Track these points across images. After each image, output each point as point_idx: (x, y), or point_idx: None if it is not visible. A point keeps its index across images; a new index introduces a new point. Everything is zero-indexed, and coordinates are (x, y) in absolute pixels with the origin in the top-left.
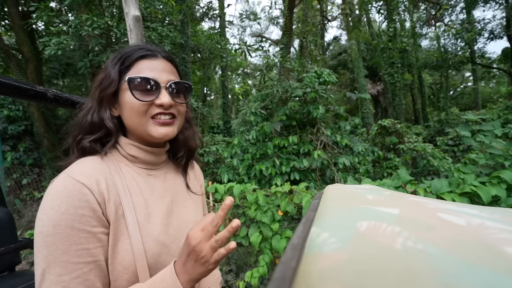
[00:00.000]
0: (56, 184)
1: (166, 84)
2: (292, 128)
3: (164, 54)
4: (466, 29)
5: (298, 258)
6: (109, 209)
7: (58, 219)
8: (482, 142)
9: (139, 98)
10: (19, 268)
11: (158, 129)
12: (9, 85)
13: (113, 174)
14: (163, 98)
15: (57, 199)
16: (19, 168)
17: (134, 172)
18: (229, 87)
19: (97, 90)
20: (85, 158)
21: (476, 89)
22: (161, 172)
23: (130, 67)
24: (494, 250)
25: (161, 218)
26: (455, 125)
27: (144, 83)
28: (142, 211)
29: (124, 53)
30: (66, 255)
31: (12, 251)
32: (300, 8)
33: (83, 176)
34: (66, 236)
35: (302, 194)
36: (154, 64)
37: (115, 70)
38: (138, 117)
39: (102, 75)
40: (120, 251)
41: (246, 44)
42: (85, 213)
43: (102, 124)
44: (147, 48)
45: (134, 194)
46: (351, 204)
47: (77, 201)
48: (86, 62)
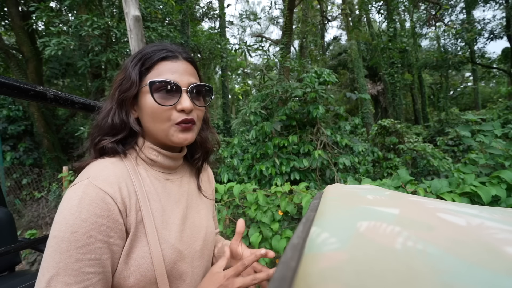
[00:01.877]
0: (78, 189)
1: (187, 88)
2: (292, 128)
3: (185, 55)
4: (466, 29)
5: (298, 258)
6: (130, 217)
7: (78, 226)
8: (482, 142)
9: (160, 103)
10: (19, 268)
11: (179, 134)
12: (9, 85)
13: (132, 179)
14: (184, 103)
15: (78, 206)
16: (19, 168)
17: (153, 177)
18: (229, 87)
19: (117, 91)
20: (104, 160)
21: (476, 89)
22: (177, 176)
23: (151, 69)
24: (494, 250)
25: (177, 225)
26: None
27: (165, 87)
28: (159, 218)
29: (144, 53)
30: (79, 264)
31: (12, 251)
32: (300, 8)
33: (106, 183)
34: (82, 244)
35: (302, 194)
36: (175, 66)
37: (135, 71)
38: (160, 121)
39: (122, 75)
40: (137, 258)
41: (246, 44)
42: (105, 223)
43: (124, 126)
44: (168, 49)
45: (153, 200)
46: (351, 204)
47: (99, 210)
48: (86, 62)
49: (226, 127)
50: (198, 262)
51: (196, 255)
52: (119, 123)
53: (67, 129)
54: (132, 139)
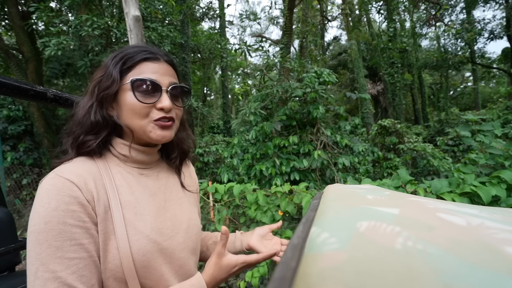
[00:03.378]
0: (45, 183)
1: (168, 88)
2: (292, 128)
3: (166, 58)
4: (466, 29)
5: (298, 258)
6: (98, 208)
7: (49, 215)
8: (482, 142)
9: (141, 100)
10: (19, 268)
11: (158, 132)
12: (9, 85)
13: (102, 175)
14: (164, 102)
15: (47, 197)
16: (19, 168)
17: (125, 172)
18: (229, 87)
19: (96, 88)
20: (75, 159)
21: (476, 89)
22: (154, 171)
23: (132, 68)
24: (494, 250)
25: (153, 216)
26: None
27: (147, 85)
28: (131, 209)
29: (126, 53)
30: (61, 251)
31: (12, 251)
32: (300, 8)
33: (71, 174)
34: (59, 232)
35: (302, 194)
36: (157, 67)
37: (116, 70)
38: (139, 118)
39: (101, 73)
40: (111, 250)
41: (246, 44)
42: (76, 208)
43: (106, 124)
44: (149, 51)
45: (124, 193)
46: (351, 204)
47: (67, 198)
48: (86, 62)
49: (226, 127)
50: (180, 254)
51: (178, 247)
52: (102, 120)
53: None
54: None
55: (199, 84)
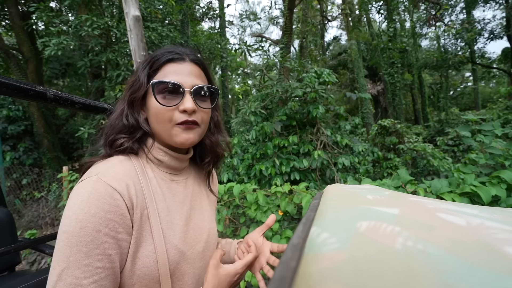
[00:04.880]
0: (87, 185)
1: (191, 89)
2: (292, 128)
3: (192, 57)
4: (466, 29)
5: (298, 258)
6: (135, 215)
7: (87, 221)
8: (482, 142)
9: (162, 103)
10: (19, 268)
11: (181, 134)
12: (9, 85)
13: (140, 178)
14: (187, 103)
15: (87, 201)
16: (19, 168)
17: (159, 177)
18: (229, 87)
19: (128, 93)
20: (113, 158)
21: (476, 89)
22: (182, 177)
23: (158, 71)
24: (494, 250)
25: (181, 225)
26: (455, 125)
27: (167, 87)
28: (165, 218)
29: (153, 56)
30: (88, 258)
31: (12, 251)
32: (300, 8)
33: (114, 180)
34: (91, 239)
35: (302, 194)
36: (180, 68)
37: (144, 73)
38: (163, 122)
39: (134, 78)
40: (141, 257)
41: (246, 44)
42: (113, 218)
43: (138, 126)
44: (175, 51)
45: (158, 200)
46: (351, 204)
47: (107, 206)
48: (86, 62)
49: (226, 127)
50: (199, 264)
51: (198, 256)
52: (134, 123)
53: (67, 129)
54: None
55: None
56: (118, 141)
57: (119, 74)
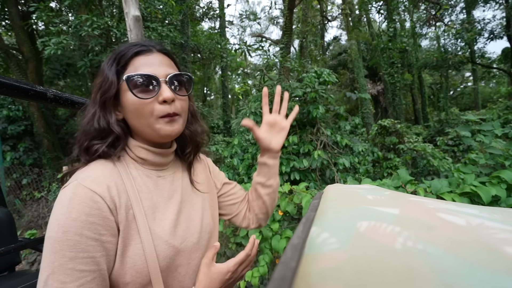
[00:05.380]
0: (68, 191)
1: (166, 78)
2: (292, 128)
3: (159, 47)
4: (466, 29)
5: (298, 258)
6: (120, 215)
7: (68, 225)
8: (482, 142)
9: (140, 97)
10: (19, 268)
11: (165, 127)
12: (9, 85)
13: (123, 179)
14: (165, 93)
15: (68, 206)
16: (19, 168)
17: (144, 175)
18: (229, 87)
19: (98, 94)
20: (95, 163)
21: (476, 89)
22: (169, 172)
23: (126, 66)
24: (494, 250)
25: (171, 220)
26: (455, 125)
27: (143, 80)
28: (152, 215)
29: (118, 52)
30: (73, 262)
31: (12, 251)
32: (300, 8)
33: (94, 183)
34: (74, 243)
35: (302, 194)
36: (150, 59)
37: (112, 71)
38: (144, 117)
39: (100, 78)
40: (131, 256)
41: (246, 44)
42: (95, 221)
43: (111, 129)
44: (141, 44)
45: (144, 198)
46: (351, 204)
47: (88, 209)
48: (86, 62)
49: (226, 127)
50: (196, 254)
51: (193, 247)
52: (106, 126)
53: (67, 129)
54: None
55: (199, 84)
56: (92, 148)
57: None
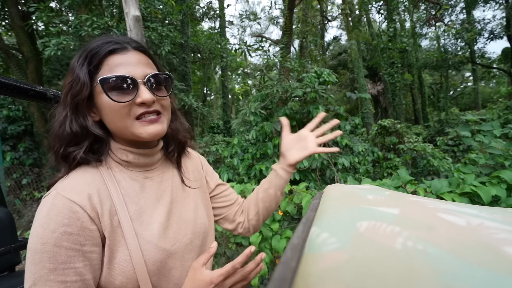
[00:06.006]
0: (47, 201)
1: (144, 79)
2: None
3: (134, 44)
4: (466, 29)
5: (298, 258)
6: (103, 223)
7: (47, 237)
8: (482, 142)
9: (116, 100)
10: (19, 268)
11: (146, 129)
12: (9, 85)
13: (107, 184)
14: (143, 95)
15: (46, 217)
16: (19, 168)
17: (129, 178)
18: (229, 87)
19: (68, 96)
20: (76, 170)
21: (476, 89)
22: (158, 172)
23: (100, 66)
24: (494, 250)
25: (160, 223)
26: (455, 125)
27: (119, 82)
28: (139, 219)
29: (90, 50)
30: (53, 274)
31: (12, 251)
32: (300, 8)
33: (73, 192)
34: (54, 254)
35: (302, 194)
36: (126, 58)
37: (83, 71)
38: (121, 119)
39: (70, 78)
40: (119, 262)
41: (246, 44)
42: (75, 231)
43: (86, 133)
44: (114, 41)
45: (130, 202)
46: (351, 204)
47: (66, 220)
48: None
49: (226, 127)
50: (189, 255)
51: (186, 248)
52: (80, 130)
53: None
54: (102, 143)
55: (199, 84)
56: (70, 155)
57: None
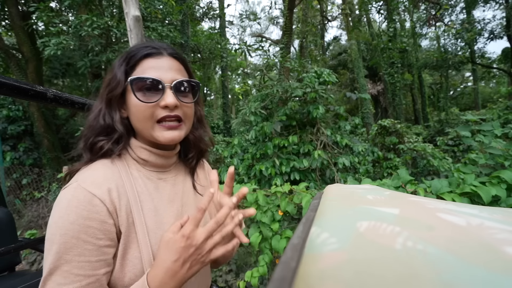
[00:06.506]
0: (67, 192)
1: (171, 84)
2: (292, 128)
3: (170, 51)
4: (466, 29)
5: (298, 258)
6: (121, 218)
7: (66, 228)
8: (482, 142)
9: (142, 100)
10: (19, 268)
11: (164, 133)
12: (9, 85)
13: (124, 180)
14: (168, 99)
15: (66, 208)
16: (19, 168)
17: (145, 177)
18: (229, 87)
19: (106, 91)
20: (96, 163)
21: (476, 89)
22: (171, 174)
23: (135, 67)
24: (494, 250)
25: (171, 223)
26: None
27: (147, 84)
28: (152, 218)
29: (129, 52)
30: (69, 265)
31: (12, 251)
32: (300, 8)
33: (94, 185)
34: (71, 246)
35: (302, 194)
36: (159, 63)
37: (121, 70)
38: (143, 120)
39: (110, 75)
40: (131, 259)
41: (246, 44)
42: (93, 225)
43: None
44: (152, 46)
45: (145, 200)
46: (351, 204)
47: (86, 212)
48: (86, 62)
49: (226, 127)
50: None
51: None
52: (111, 123)
53: (67, 129)
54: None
55: None
56: (97, 144)
57: None
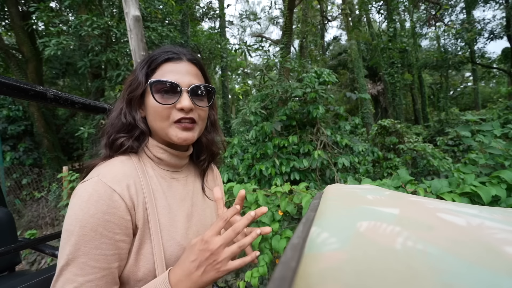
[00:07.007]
0: (88, 186)
1: (188, 88)
2: (292, 128)
3: (189, 56)
4: (466, 29)
5: (298, 258)
6: (138, 214)
7: (86, 221)
8: (482, 142)
9: (159, 101)
10: (19, 268)
11: (178, 133)
12: (9, 85)
13: (140, 177)
14: (184, 102)
15: (87, 202)
16: (19, 168)
17: (159, 175)
18: (229, 87)
19: (127, 91)
20: (115, 159)
21: (476, 89)
22: (183, 175)
23: (156, 70)
24: (494, 250)
25: (182, 222)
26: (455, 125)
27: (165, 86)
28: (166, 215)
29: (151, 56)
30: (86, 257)
31: (12, 251)
32: (300, 8)
33: (114, 181)
34: (90, 239)
35: (302, 194)
36: (178, 67)
37: (142, 72)
38: (160, 120)
39: (132, 77)
40: (146, 254)
41: (246, 44)
42: (111, 219)
43: (134, 125)
44: (172, 51)
45: (159, 198)
46: (351, 204)
47: (105, 207)
48: (86, 62)
49: (226, 127)
50: None
51: None
52: (131, 121)
53: (67, 129)
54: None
55: None
56: (118, 141)
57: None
